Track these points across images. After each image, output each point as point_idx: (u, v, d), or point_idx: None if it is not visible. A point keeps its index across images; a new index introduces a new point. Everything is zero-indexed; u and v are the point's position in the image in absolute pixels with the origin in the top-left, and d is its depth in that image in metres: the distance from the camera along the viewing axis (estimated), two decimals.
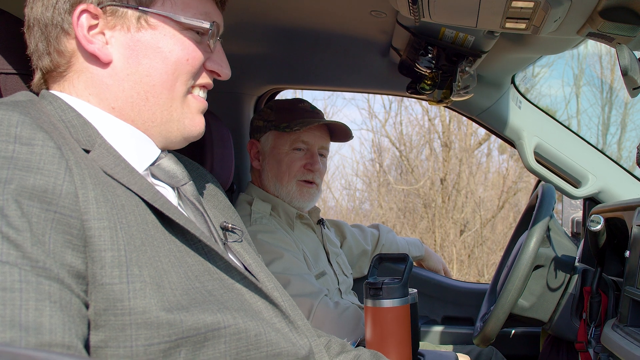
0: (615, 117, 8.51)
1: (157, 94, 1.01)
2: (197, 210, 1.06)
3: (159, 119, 1.02)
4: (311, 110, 2.16)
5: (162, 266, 0.86)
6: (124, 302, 0.79)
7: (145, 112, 1.01)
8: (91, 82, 0.98)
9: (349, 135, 2.22)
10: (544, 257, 1.74)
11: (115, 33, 0.98)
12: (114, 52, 0.98)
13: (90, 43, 0.96)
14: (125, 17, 0.98)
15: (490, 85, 2.07)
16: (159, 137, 1.04)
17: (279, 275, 1.82)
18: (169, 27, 1.00)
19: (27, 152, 0.78)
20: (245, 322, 0.91)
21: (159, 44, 1.00)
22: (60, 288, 0.73)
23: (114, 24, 0.98)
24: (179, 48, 1.01)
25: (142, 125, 1.01)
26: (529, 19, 1.27)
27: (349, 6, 1.66)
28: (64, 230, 0.77)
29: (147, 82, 0.99)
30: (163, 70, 1.00)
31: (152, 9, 0.99)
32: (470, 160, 8.72)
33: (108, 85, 0.98)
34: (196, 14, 1.03)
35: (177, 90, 1.02)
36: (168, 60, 1.00)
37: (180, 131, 1.05)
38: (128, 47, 0.98)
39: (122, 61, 0.98)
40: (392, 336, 1.43)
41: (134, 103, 1.00)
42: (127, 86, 0.99)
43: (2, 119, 0.79)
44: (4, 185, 0.74)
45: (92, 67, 0.98)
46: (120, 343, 0.79)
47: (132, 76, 0.99)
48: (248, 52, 2.15)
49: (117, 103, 0.99)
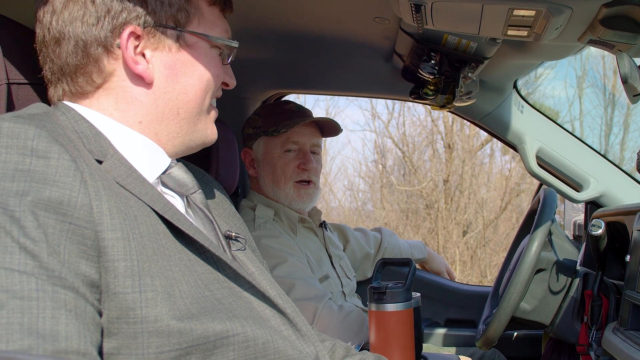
0: (618, 119, 8.52)
1: (190, 109, 1.05)
2: (207, 217, 1.08)
3: (185, 131, 1.06)
4: (297, 110, 2.15)
5: (173, 275, 0.88)
6: (136, 310, 0.81)
7: (173, 125, 1.04)
8: (123, 99, 1.00)
9: (338, 129, 2.21)
10: (546, 260, 1.75)
11: (156, 53, 1.00)
12: (155, 71, 1.00)
13: (137, 64, 0.98)
14: (166, 38, 1.01)
15: (492, 91, 2.09)
16: (180, 147, 1.07)
17: (283, 279, 1.83)
18: (202, 46, 1.05)
19: (43, 165, 0.80)
20: (253, 330, 0.93)
21: (195, 63, 1.03)
22: (75, 297, 0.76)
23: (156, 45, 1.00)
24: (211, 65, 1.06)
25: (166, 137, 1.04)
26: (531, 27, 1.29)
27: (353, 12, 1.68)
28: (78, 241, 0.79)
29: (183, 98, 1.03)
30: (198, 87, 1.04)
31: (189, 28, 1.02)
32: (473, 161, 8.72)
33: (142, 102, 1.01)
34: (221, 32, 1.08)
35: (205, 104, 1.07)
36: (202, 77, 1.05)
37: (202, 140, 1.10)
38: (168, 67, 1.01)
39: (162, 80, 1.01)
40: (395, 340, 1.44)
41: (164, 118, 1.03)
42: (162, 103, 1.02)
43: (19, 133, 0.81)
44: (21, 197, 0.76)
45: (131, 86, 1.00)
46: (132, 351, 0.81)
47: (168, 94, 1.02)
48: (253, 57, 2.17)
49: (146, 118, 1.01)
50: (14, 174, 0.78)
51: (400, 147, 9.19)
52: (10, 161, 0.79)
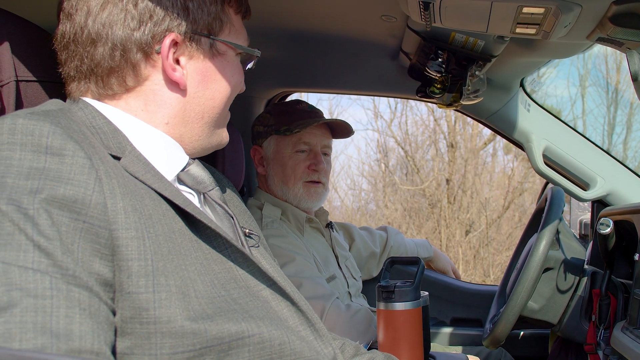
0: (621, 117, 8.50)
1: (214, 114, 1.07)
2: (226, 213, 1.09)
3: (206, 134, 1.08)
4: (309, 110, 2.15)
5: (189, 274, 0.87)
6: (150, 311, 0.81)
7: (197, 128, 1.05)
8: (153, 102, 1.00)
9: (350, 131, 2.20)
10: (554, 259, 1.75)
11: (191, 60, 1.02)
12: (188, 77, 1.02)
13: (174, 71, 0.99)
14: (200, 45, 1.02)
15: (499, 89, 2.08)
16: (198, 148, 1.08)
17: (291, 278, 1.82)
18: (230, 54, 1.07)
19: (57, 163, 0.80)
20: (269, 331, 0.92)
21: (225, 70, 1.06)
22: (89, 296, 0.75)
23: (192, 52, 1.01)
24: (238, 73, 1.09)
25: (188, 139, 1.05)
26: (539, 25, 1.28)
27: (359, 10, 1.67)
28: (92, 239, 0.78)
29: (210, 104, 1.05)
30: (225, 93, 1.07)
31: (221, 37, 1.04)
32: (476, 160, 8.71)
33: (171, 105, 1.01)
34: (244, 40, 1.10)
35: (226, 110, 1.10)
36: (230, 84, 1.07)
37: (218, 142, 1.12)
38: (200, 73, 1.03)
39: (193, 86, 1.03)
40: (404, 339, 1.44)
41: (190, 120, 1.04)
42: (189, 107, 1.03)
43: (33, 130, 0.81)
44: (35, 195, 0.76)
45: (166, 91, 1.01)
46: (145, 351, 0.81)
47: (198, 99, 1.03)
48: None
49: (173, 120, 1.02)
50: (28, 171, 0.78)
51: (402, 146, 9.19)
52: (24, 159, 0.79)
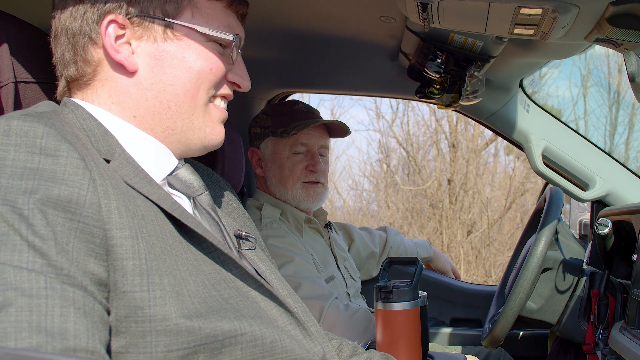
0: (623, 118, 8.50)
1: (180, 103, 1.03)
2: (213, 219, 1.08)
3: (180, 127, 1.04)
4: (306, 111, 2.15)
5: (181, 274, 0.88)
6: (145, 309, 0.81)
7: (166, 120, 1.03)
8: (115, 91, 1.00)
9: (347, 131, 2.21)
10: (552, 259, 1.75)
11: (141, 43, 1.00)
12: (139, 61, 1.00)
13: (117, 52, 0.99)
14: (152, 28, 1.00)
15: (498, 89, 2.08)
16: (178, 145, 1.05)
17: (290, 278, 1.83)
18: (193, 38, 1.03)
19: (52, 164, 0.80)
20: (261, 329, 0.93)
21: (183, 54, 1.02)
22: (84, 295, 0.76)
23: (141, 34, 1.00)
24: (203, 58, 1.03)
25: (162, 134, 1.03)
26: (537, 25, 1.28)
27: (359, 11, 1.67)
28: (87, 239, 0.79)
29: (171, 91, 1.02)
30: (187, 79, 1.02)
31: (178, 20, 1.02)
32: (477, 160, 8.71)
33: (131, 94, 1.00)
34: (220, 26, 1.05)
35: (199, 99, 1.05)
36: (192, 69, 1.02)
37: (201, 139, 1.07)
38: (153, 57, 1.01)
39: (147, 70, 1.01)
40: (402, 339, 1.44)
41: (156, 112, 1.02)
42: (150, 95, 1.01)
43: (27, 131, 0.81)
44: (29, 195, 0.76)
45: (118, 76, 1.00)
46: (140, 349, 0.81)
47: (156, 85, 1.01)
48: (258, 56, 2.17)
49: (138, 112, 1.01)
50: (22, 172, 0.78)
51: (404, 146, 9.19)
52: (19, 159, 0.79)
